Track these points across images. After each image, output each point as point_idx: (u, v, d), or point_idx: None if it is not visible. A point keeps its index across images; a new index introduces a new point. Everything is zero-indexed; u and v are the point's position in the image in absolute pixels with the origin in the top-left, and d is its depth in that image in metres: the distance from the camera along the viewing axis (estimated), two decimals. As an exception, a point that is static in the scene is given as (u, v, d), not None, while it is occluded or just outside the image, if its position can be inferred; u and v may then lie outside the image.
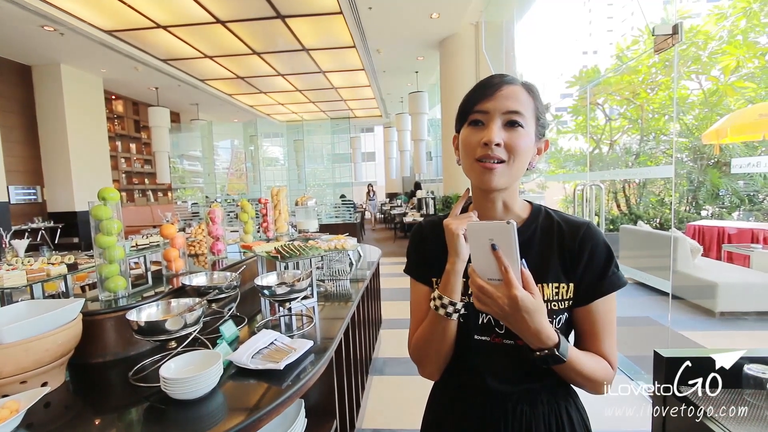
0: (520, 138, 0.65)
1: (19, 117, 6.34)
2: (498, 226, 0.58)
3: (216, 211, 2.08)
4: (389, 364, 2.86)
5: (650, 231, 4.70)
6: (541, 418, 0.69)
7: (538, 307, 0.59)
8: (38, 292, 1.36)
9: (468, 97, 0.70)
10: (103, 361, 1.24)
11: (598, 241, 0.69)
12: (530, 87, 0.69)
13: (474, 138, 0.67)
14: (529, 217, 0.74)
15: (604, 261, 0.68)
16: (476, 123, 0.68)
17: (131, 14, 5.09)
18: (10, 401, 0.87)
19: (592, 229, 0.70)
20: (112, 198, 1.34)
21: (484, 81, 0.69)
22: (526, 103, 0.66)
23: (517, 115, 0.65)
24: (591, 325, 0.69)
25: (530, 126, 0.67)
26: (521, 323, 0.59)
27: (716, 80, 6.68)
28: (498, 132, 0.65)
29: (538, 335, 0.60)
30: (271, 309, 1.66)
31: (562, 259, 0.69)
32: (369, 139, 18.83)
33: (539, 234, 0.72)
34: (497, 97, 0.66)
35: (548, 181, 9.95)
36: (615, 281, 0.68)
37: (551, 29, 51.77)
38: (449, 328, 0.69)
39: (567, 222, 0.72)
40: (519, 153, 0.65)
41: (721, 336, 3.24)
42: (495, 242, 0.58)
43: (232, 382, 1.06)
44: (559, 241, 0.70)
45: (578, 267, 0.68)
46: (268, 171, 9.20)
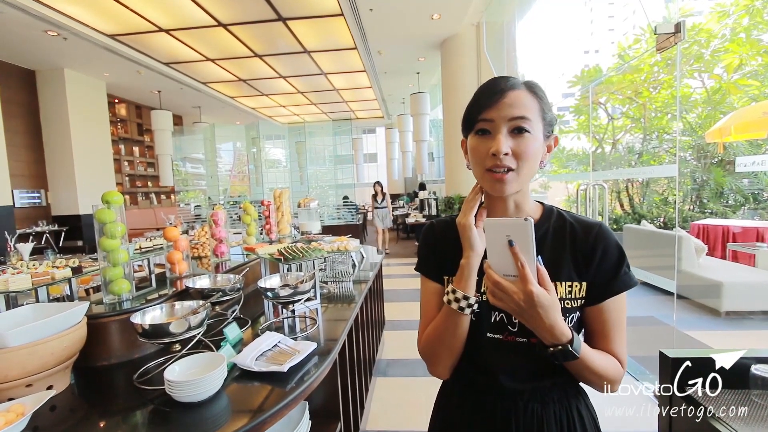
0: (527, 144, 0.65)
1: (24, 121, 6.39)
2: (515, 223, 0.59)
3: (219, 214, 2.09)
4: (393, 366, 2.86)
5: (654, 230, 4.67)
6: (553, 417, 0.69)
7: (552, 304, 0.59)
8: (43, 295, 1.36)
9: (472, 105, 0.70)
10: (107, 364, 1.25)
11: (610, 242, 0.70)
12: (533, 87, 0.69)
13: (482, 148, 0.67)
14: (541, 218, 0.75)
15: (616, 261, 0.69)
16: (483, 132, 0.68)
17: (134, 18, 5.13)
18: (16, 404, 0.87)
19: (605, 229, 0.71)
20: (116, 201, 1.34)
21: (487, 87, 0.68)
22: (530, 107, 0.66)
23: (522, 121, 0.65)
24: (602, 324, 0.70)
25: (537, 128, 0.67)
26: (536, 319, 0.60)
27: (719, 78, 6.65)
28: (505, 141, 0.65)
29: (552, 331, 0.60)
30: (275, 311, 1.66)
31: (574, 259, 0.70)
32: (371, 140, 18.83)
33: (551, 234, 0.73)
34: (501, 106, 0.66)
35: (551, 181, 9.92)
36: (626, 281, 0.69)
37: (552, 29, 51.66)
38: (461, 324, 0.69)
39: (579, 222, 0.73)
40: (527, 158, 0.66)
41: (727, 336, 3.21)
42: (512, 238, 0.59)
43: (236, 385, 1.06)
44: (571, 241, 0.71)
45: (591, 266, 0.69)
46: (270, 173, 9.21)
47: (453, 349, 0.71)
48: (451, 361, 0.73)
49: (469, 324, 0.70)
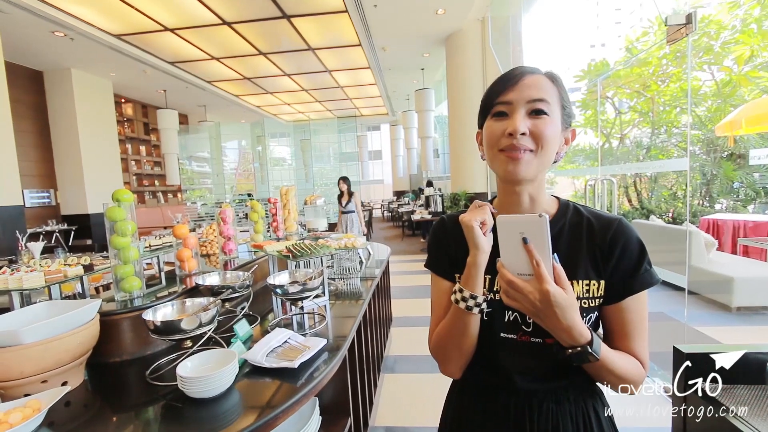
0: (546, 125, 0.63)
1: (32, 122, 6.46)
2: (530, 219, 0.57)
3: (227, 212, 2.10)
4: (400, 362, 2.86)
5: (664, 225, 4.62)
6: (569, 416, 0.68)
7: (570, 303, 0.57)
8: (56, 293, 1.38)
9: (490, 90, 0.68)
10: (120, 360, 1.26)
11: (630, 238, 0.67)
12: (553, 76, 0.68)
13: (498, 128, 0.65)
14: (557, 213, 0.72)
15: (636, 258, 0.66)
16: (500, 114, 0.66)
17: (139, 18, 5.15)
18: (32, 400, 0.88)
19: (624, 225, 0.68)
20: (126, 200, 1.35)
21: (506, 73, 0.68)
22: (550, 91, 0.65)
23: (541, 103, 0.63)
24: (622, 324, 0.67)
25: (556, 114, 0.65)
26: (553, 319, 0.58)
27: (729, 70, 6.53)
28: (523, 121, 0.63)
29: (570, 332, 0.58)
30: (283, 308, 1.66)
31: (592, 256, 0.67)
32: (376, 137, 18.80)
33: (568, 230, 0.70)
34: (520, 87, 0.64)
35: (557, 176, 9.83)
36: (648, 279, 0.66)
37: (558, 22, 51.00)
38: (471, 324, 0.67)
39: (597, 218, 0.70)
40: (546, 141, 0.63)
41: (739, 331, 3.17)
42: (526, 236, 0.57)
43: (247, 381, 1.06)
44: (589, 238, 0.68)
45: (609, 264, 0.66)
46: (275, 171, 9.24)
47: (463, 349, 0.69)
48: (463, 360, 0.71)
49: (479, 323, 0.68)
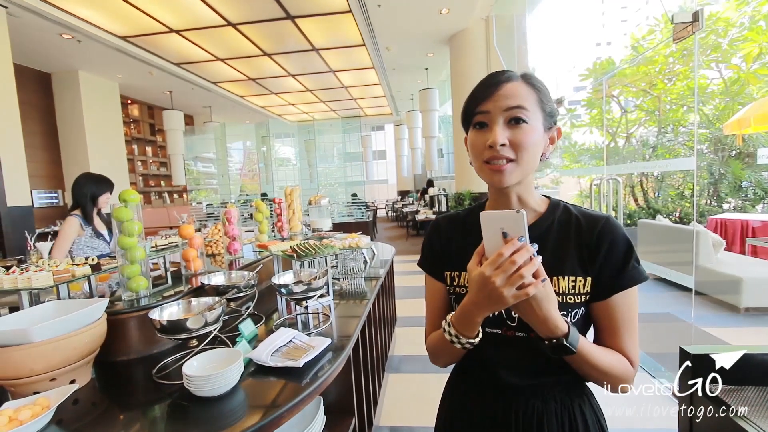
0: (524, 134, 0.65)
1: (40, 123, 6.54)
2: (508, 215, 0.59)
3: (232, 212, 2.11)
4: (405, 362, 2.86)
5: (670, 225, 4.58)
6: (554, 414, 0.69)
7: (545, 295, 0.58)
8: (64, 292, 1.39)
9: (469, 99, 0.70)
10: (127, 359, 1.27)
11: (616, 235, 0.68)
12: (530, 78, 0.68)
13: (479, 141, 0.67)
14: (546, 212, 0.73)
15: (623, 255, 0.67)
16: (480, 125, 0.68)
17: (145, 20, 5.20)
18: (41, 398, 0.90)
19: (611, 222, 0.69)
20: (133, 200, 1.37)
21: (483, 81, 0.69)
22: (527, 97, 0.66)
23: (519, 111, 0.64)
24: (610, 321, 0.68)
25: (536, 119, 0.66)
26: (528, 310, 0.59)
27: (737, 68, 6.46)
28: (501, 132, 0.64)
29: (546, 323, 0.59)
30: (288, 307, 1.67)
31: (579, 253, 0.68)
32: (380, 137, 18.82)
33: (556, 227, 0.71)
34: (497, 97, 0.65)
35: (562, 176, 9.78)
36: (635, 275, 0.66)
37: (563, 21, 50.72)
38: (461, 352, 0.70)
39: (585, 216, 0.71)
40: (526, 149, 0.65)
41: (747, 332, 3.14)
42: (506, 230, 0.59)
43: (252, 380, 1.07)
44: (576, 235, 0.70)
45: (596, 261, 0.67)
46: (280, 171, 9.27)
47: (454, 359, 0.77)
48: (453, 362, 0.79)
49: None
